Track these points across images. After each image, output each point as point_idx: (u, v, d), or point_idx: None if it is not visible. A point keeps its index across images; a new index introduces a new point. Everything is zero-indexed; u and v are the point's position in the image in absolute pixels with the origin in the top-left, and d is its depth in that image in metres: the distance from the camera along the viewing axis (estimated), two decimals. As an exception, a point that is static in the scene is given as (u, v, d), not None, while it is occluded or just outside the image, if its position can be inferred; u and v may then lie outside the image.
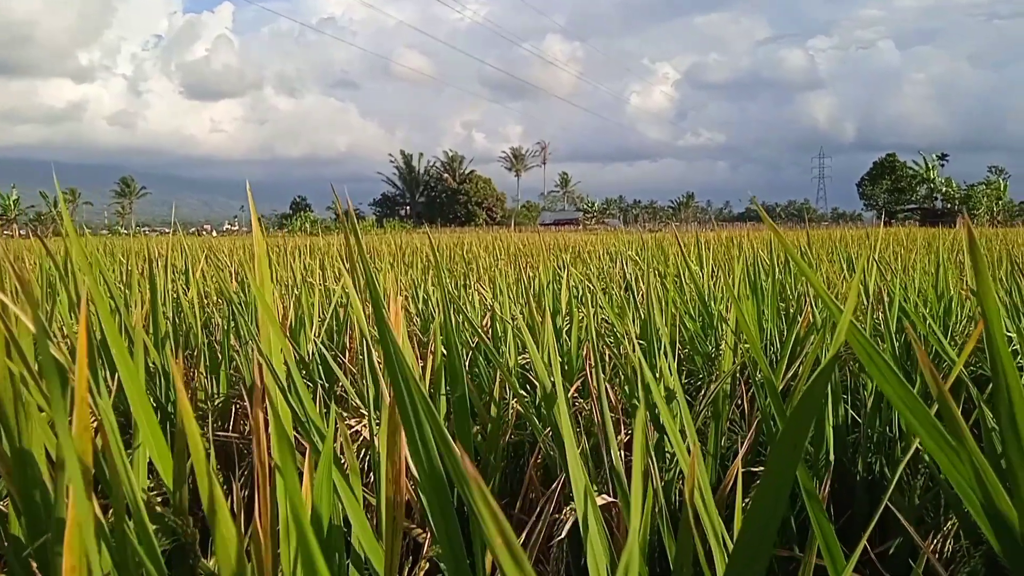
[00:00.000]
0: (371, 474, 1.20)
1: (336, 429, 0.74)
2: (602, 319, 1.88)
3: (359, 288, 1.67)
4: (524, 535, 1.08)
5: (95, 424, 0.70)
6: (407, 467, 0.75)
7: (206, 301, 2.24)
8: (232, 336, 1.54)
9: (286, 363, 0.99)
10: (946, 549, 1.06)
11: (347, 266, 3.02)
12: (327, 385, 1.53)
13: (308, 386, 1.50)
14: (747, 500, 1.17)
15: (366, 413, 1.27)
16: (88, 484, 0.48)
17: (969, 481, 0.39)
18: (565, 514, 1.03)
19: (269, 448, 0.57)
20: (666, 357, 1.36)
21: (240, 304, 1.57)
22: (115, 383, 1.02)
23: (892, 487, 0.44)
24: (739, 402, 1.54)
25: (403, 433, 0.65)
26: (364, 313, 1.37)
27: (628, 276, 2.17)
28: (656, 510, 0.77)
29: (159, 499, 0.90)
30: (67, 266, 1.45)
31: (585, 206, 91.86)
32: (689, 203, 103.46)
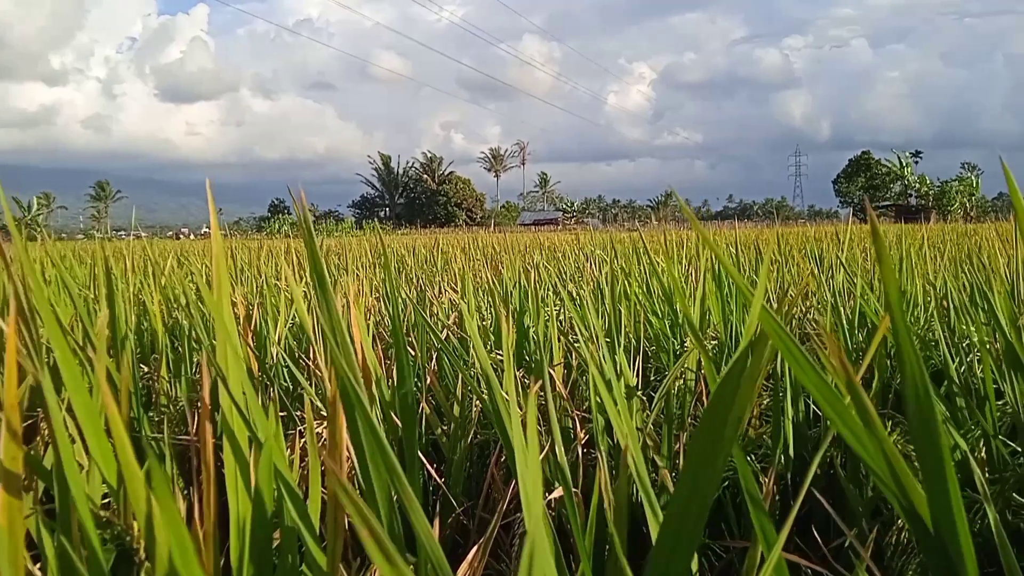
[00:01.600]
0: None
1: (281, 428, 0.74)
2: (569, 317, 1.88)
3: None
4: (489, 532, 1.08)
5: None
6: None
7: (175, 305, 2.22)
8: (193, 340, 1.53)
9: (248, 369, 0.98)
10: (902, 539, 1.08)
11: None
12: (291, 388, 1.52)
13: (269, 388, 1.49)
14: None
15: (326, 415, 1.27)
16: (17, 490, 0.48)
17: (882, 469, 0.40)
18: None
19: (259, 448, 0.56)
20: (627, 353, 1.36)
21: (200, 307, 1.56)
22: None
23: (810, 475, 0.45)
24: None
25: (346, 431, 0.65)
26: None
27: (596, 275, 2.18)
28: (606, 504, 0.77)
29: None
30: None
31: (564, 206, 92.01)
32: (668, 202, 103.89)
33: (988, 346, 1.16)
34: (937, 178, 58.75)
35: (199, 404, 1.43)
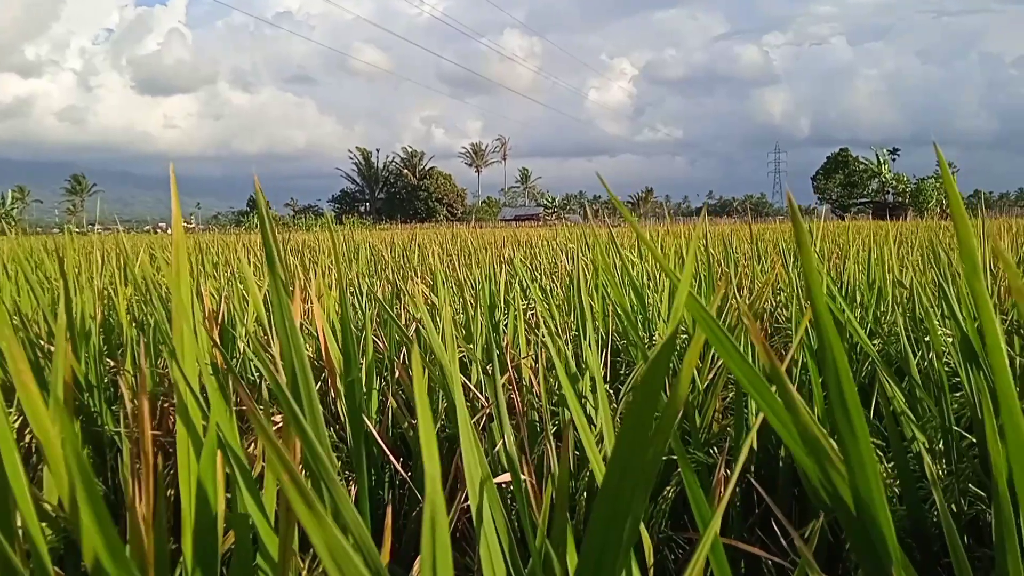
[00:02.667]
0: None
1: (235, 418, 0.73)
2: (542, 311, 1.89)
3: (289, 284, 1.66)
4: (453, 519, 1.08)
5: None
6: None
7: (148, 297, 2.20)
8: (159, 333, 1.51)
9: (216, 362, 0.97)
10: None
11: (301, 262, 2.99)
12: (257, 382, 1.51)
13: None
14: (668, 489, 1.19)
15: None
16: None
17: (808, 452, 0.40)
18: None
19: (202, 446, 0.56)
20: (597, 347, 1.37)
21: (166, 300, 1.55)
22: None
23: (740, 460, 0.45)
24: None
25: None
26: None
27: (569, 270, 2.18)
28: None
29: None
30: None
31: (546, 201, 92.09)
32: (648, 198, 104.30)
33: (946, 338, 1.17)
34: (914, 175, 59.38)
35: (161, 398, 1.42)
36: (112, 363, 1.69)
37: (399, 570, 1.13)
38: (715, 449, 1.23)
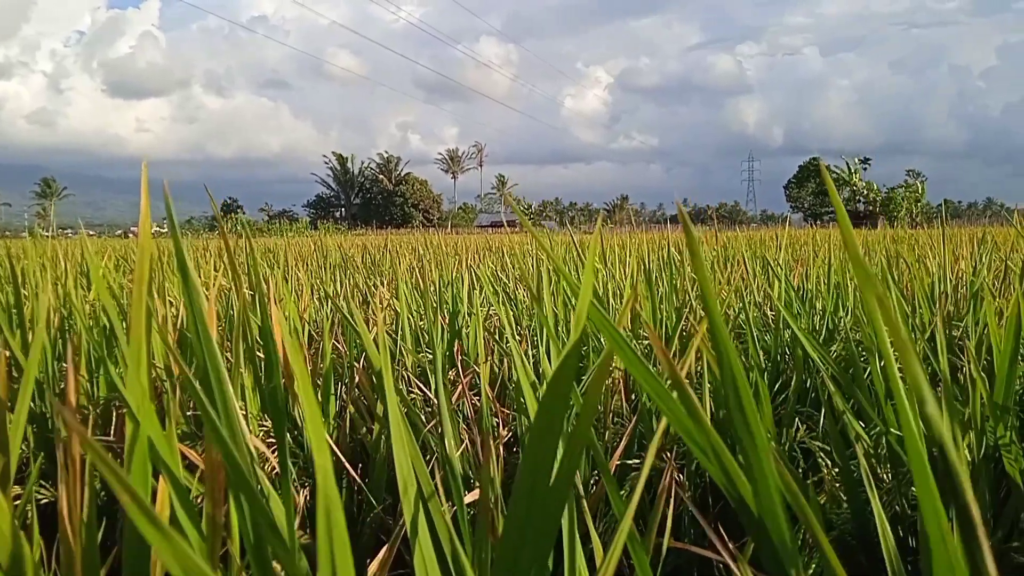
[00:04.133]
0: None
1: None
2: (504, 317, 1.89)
3: (251, 289, 1.65)
4: (397, 531, 1.08)
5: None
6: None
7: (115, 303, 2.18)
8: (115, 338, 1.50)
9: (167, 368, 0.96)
10: (809, 537, 1.10)
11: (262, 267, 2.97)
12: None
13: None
14: (622, 492, 1.20)
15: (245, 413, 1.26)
16: None
17: (711, 458, 0.41)
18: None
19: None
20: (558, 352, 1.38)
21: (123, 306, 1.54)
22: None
23: (647, 465, 0.46)
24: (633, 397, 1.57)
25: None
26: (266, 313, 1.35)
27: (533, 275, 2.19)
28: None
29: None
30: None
31: (522, 208, 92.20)
32: (623, 205, 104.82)
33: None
34: (884, 185, 60.22)
35: (116, 403, 1.41)
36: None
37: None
38: (668, 453, 1.24)
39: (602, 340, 1.72)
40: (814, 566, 1.05)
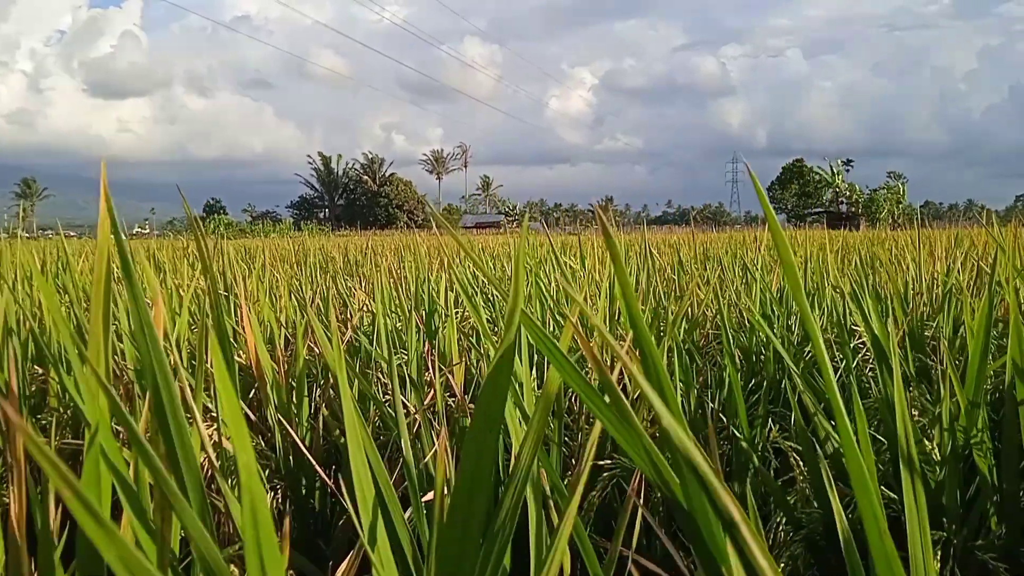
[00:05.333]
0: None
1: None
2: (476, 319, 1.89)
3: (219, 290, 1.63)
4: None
5: None
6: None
7: (86, 307, 2.16)
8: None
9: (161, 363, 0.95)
10: (780, 535, 1.11)
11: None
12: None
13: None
14: (593, 493, 1.20)
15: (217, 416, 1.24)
16: None
17: (642, 458, 0.41)
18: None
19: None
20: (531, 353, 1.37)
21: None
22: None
23: (585, 467, 0.46)
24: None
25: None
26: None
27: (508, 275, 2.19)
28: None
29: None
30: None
31: (507, 209, 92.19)
32: (608, 206, 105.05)
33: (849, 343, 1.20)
34: (866, 186, 60.63)
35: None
36: (40, 370, 1.65)
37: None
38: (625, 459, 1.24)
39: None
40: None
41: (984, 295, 1.03)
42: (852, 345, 1.57)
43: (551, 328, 1.72)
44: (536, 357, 1.57)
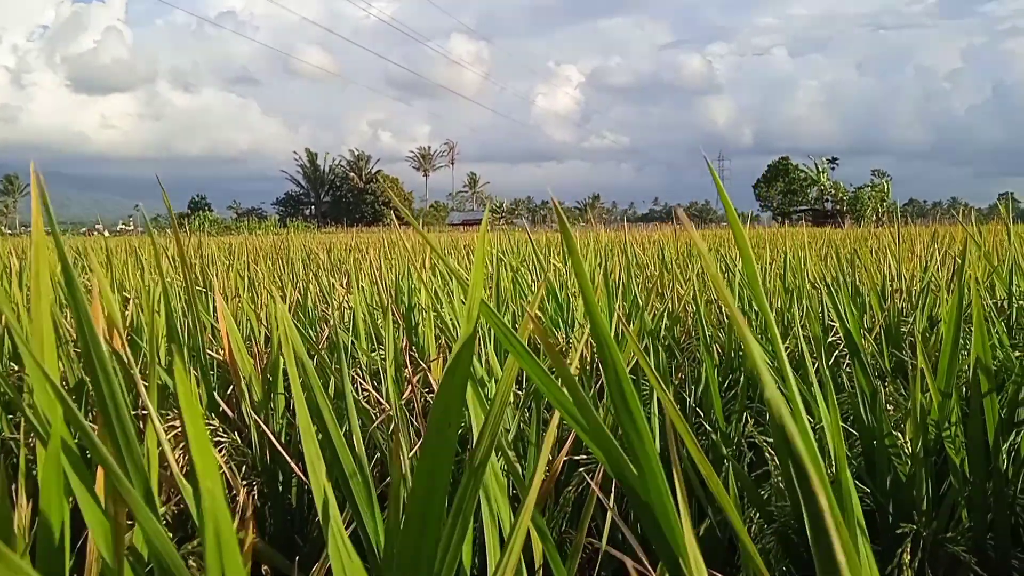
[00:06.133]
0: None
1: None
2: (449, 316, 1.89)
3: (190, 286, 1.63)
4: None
5: None
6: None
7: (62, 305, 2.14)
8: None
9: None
10: (754, 529, 1.11)
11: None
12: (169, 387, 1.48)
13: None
14: (569, 489, 1.20)
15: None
16: None
17: (604, 449, 0.41)
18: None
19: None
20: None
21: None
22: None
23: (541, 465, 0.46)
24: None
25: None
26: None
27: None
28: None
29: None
30: None
31: (494, 206, 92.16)
32: (595, 204, 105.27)
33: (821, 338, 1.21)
34: (851, 184, 61.00)
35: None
36: (16, 367, 1.64)
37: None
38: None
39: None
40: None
41: (954, 289, 1.04)
42: (828, 341, 1.58)
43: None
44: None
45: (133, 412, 0.65)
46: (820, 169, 62.04)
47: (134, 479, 0.44)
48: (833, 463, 1.08)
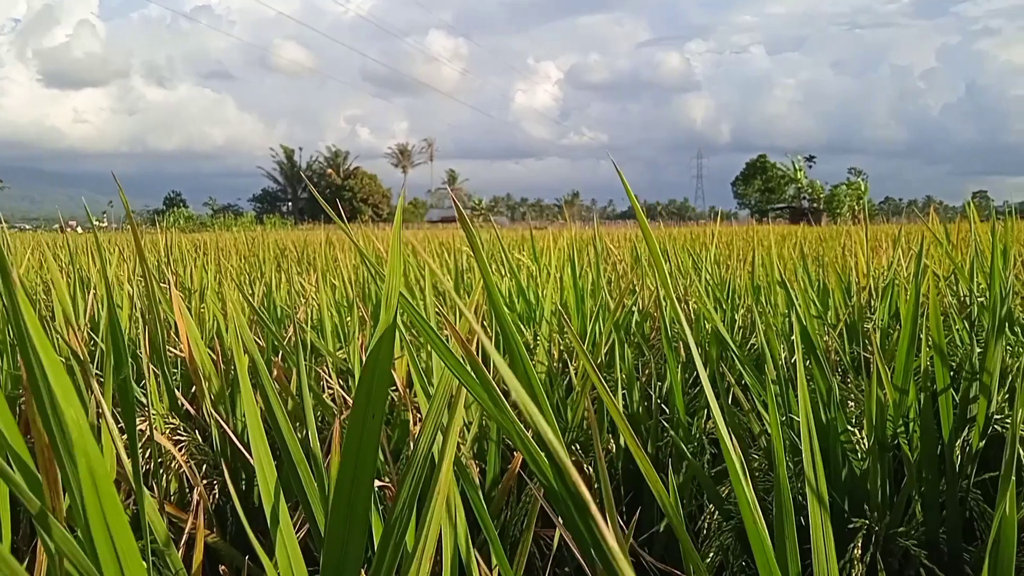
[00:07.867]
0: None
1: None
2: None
3: (159, 283, 1.61)
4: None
5: None
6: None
7: (36, 299, 2.11)
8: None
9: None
10: (713, 525, 1.12)
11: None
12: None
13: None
14: (529, 485, 1.20)
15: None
16: None
17: (519, 438, 0.41)
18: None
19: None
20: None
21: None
22: None
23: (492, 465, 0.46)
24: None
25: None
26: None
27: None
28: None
29: None
30: None
31: (473, 204, 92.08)
32: (574, 201, 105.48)
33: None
34: (827, 182, 61.54)
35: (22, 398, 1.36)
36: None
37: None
38: (578, 446, 1.25)
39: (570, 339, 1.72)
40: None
41: (911, 285, 1.05)
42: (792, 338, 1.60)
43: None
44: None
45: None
46: (797, 167, 62.54)
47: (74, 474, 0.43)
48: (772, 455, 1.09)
